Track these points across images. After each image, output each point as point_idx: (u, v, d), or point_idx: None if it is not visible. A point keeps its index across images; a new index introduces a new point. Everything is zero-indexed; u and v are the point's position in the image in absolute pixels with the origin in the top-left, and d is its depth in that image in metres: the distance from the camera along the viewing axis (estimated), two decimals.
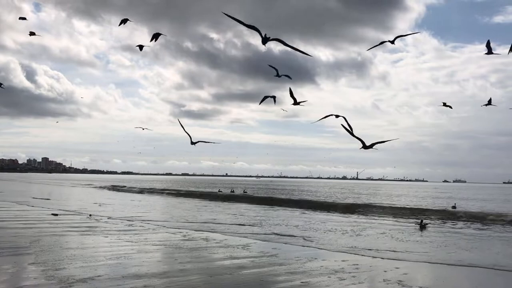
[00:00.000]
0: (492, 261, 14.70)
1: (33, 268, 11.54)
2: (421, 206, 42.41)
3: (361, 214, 33.18)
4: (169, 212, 32.91)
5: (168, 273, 11.36)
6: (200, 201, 46.26)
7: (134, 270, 11.54)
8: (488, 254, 16.60)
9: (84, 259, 12.82)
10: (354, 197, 61.01)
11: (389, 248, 16.90)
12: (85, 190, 71.21)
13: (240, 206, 40.04)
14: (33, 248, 14.34)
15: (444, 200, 60.47)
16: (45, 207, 31.40)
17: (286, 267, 12.59)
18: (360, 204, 41.58)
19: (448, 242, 19.27)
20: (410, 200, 58.61)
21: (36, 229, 19.20)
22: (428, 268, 13.51)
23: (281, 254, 14.74)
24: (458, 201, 53.71)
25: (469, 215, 30.94)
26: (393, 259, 14.39)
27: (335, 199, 52.83)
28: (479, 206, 48.47)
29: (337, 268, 12.62)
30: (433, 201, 57.56)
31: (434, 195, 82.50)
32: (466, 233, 22.66)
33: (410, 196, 71.28)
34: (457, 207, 41.45)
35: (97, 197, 48.74)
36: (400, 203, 47.01)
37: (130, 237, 17.72)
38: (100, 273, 11.06)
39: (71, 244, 15.64)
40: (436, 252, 16.44)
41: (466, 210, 35.63)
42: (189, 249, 15.19)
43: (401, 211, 35.36)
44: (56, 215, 25.42)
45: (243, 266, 12.53)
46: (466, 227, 25.54)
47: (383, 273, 12.15)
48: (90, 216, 25.88)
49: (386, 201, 50.96)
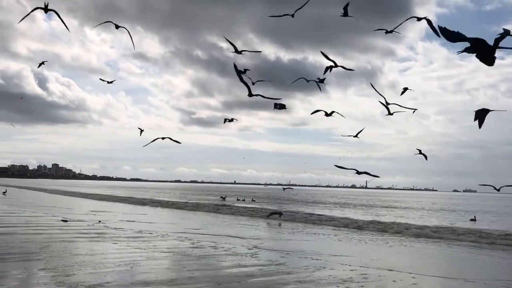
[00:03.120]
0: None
1: (43, 274, 11.64)
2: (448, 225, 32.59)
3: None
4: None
5: (176, 281, 11.38)
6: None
7: (143, 277, 11.59)
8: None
9: (93, 265, 12.90)
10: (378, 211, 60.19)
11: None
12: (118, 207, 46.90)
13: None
14: (43, 254, 14.45)
15: (460, 211, 59.15)
16: (55, 213, 31.64)
17: (295, 276, 12.56)
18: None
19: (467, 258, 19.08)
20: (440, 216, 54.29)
21: (46, 235, 19.35)
22: (438, 280, 13.39)
23: (289, 262, 14.70)
24: (471, 213, 52.91)
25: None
26: (402, 272, 14.28)
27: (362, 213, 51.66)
28: (499, 220, 45.12)
29: (345, 277, 12.56)
30: (448, 214, 56.36)
31: (451, 207, 76.70)
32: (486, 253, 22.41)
33: (431, 211, 62.50)
34: (476, 219, 40.22)
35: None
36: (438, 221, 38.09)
37: (139, 244, 17.79)
38: (108, 279, 11.12)
39: (81, 250, 15.73)
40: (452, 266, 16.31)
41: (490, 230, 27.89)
42: (198, 257, 15.21)
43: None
44: (66, 221, 25.59)
45: (252, 274, 12.52)
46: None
47: (392, 283, 12.07)
48: (100, 222, 26.02)
49: (416, 218, 45.29)
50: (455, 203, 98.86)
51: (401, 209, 62.00)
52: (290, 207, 56.14)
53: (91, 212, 35.54)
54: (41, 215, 30.12)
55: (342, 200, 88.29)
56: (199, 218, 34.42)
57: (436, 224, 32.37)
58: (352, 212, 49.55)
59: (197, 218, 34.22)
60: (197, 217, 35.41)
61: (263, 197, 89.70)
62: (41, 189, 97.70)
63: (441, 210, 63.48)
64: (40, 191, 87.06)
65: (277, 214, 35.51)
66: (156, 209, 44.73)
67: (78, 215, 31.03)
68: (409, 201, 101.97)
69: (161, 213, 39.83)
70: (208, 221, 32.28)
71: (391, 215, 47.00)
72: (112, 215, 32.96)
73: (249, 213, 39.31)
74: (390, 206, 68.76)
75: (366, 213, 48.37)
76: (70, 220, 26.63)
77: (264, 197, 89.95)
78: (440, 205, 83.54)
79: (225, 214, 38.25)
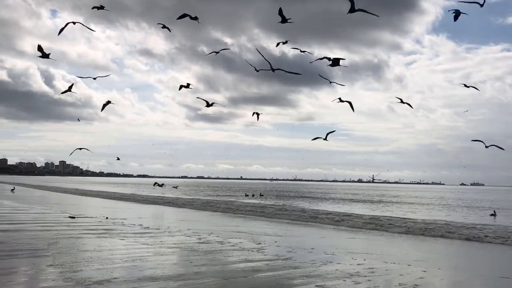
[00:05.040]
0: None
1: (51, 270, 11.71)
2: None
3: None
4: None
5: (183, 276, 11.41)
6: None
7: (150, 273, 11.63)
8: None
9: (101, 261, 12.96)
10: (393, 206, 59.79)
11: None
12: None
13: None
14: (51, 250, 14.54)
15: (476, 207, 57.43)
16: (63, 210, 31.84)
17: (301, 270, 12.54)
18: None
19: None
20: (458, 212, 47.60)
21: (54, 231, 19.47)
22: (445, 273, 13.34)
23: (296, 257, 14.69)
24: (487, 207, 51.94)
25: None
26: (408, 265, 14.23)
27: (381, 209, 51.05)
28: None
29: (352, 271, 12.53)
30: (464, 210, 54.93)
31: (466, 202, 72.77)
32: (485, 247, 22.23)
33: (445, 207, 55.46)
34: (496, 214, 39.59)
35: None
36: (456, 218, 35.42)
37: (146, 239, 17.85)
38: (116, 275, 11.16)
39: (88, 246, 15.82)
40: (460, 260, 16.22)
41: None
42: (204, 252, 15.24)
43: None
44: (73, 217, 25.73)
45: (258, 269, 12.52)
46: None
47: (399, 277, 12.03)
48: (107, 218, 26.14)
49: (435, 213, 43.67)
50: (475, 198, 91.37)
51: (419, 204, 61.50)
52: (298, 202, 56.16)
53: (98, 208, 35.73)
54: (49, 212, 30.31)
55: (349, 196, 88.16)
56: (206, 214, 34.51)
57: (450, 219, 32.03)
58: (359, 207, 49.51)
59: (203, 215, 34.31)
60: (204, 214, 35.51)
61: (271, 193, 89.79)
62: (50, 187, 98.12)
63: (457, 205, 59.32)
64: (49, 190, 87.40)
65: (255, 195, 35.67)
66: (164, 207, 44.88)
67: (86, 212, 31.19)
68: (423, 196, 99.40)
69: (168, 210, 39.97)
70: (215, 217, 32.36)
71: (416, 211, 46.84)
72: (119, 212, 33.11)
73: (255, 209, 39.33)
74: (407, 202, 68.33)
75: (375, 208, 48.30)
76: (78, 216, 26.78)
77: (271, 192, 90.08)
78: (454, 200, 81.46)
79: (232, 211, 38.23)
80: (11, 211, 30.85)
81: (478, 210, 48.81)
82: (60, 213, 29.71)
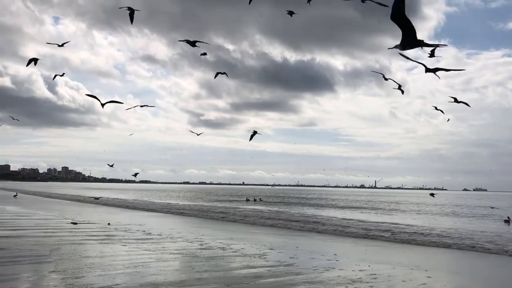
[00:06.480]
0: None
1: (53, 276, 11.71)
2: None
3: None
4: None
5: (185, 282, 11.40)
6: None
7: (152, 279, 11.62)
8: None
9: (103, 267, 12.95)
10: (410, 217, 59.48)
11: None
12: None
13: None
14: (53, 257, 14.55)
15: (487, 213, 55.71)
16: (65, 216, 31.84)
17: (304, 277, 12.51)
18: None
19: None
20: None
21: (56, 237, 19.48)
22: (448, 278, 13.29)
23: (298, 263, 14.65)
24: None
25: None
26: (410, 270, 14.18)
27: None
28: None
29: (355, 278, 12.49)
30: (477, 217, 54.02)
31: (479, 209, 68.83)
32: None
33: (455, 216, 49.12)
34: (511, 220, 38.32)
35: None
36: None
37: (148, 246, 17.84)
38: (118, 281, 11.16)
39: (90, 252, 15.81)
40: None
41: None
42: (206, 258, 15.22)
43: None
44: (76, 223, 25.73)
45: (260, 275, 12.50)
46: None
47: (402, 283, 11.99)
48: (109, 224, 26.14)
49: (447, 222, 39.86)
50: (485, 204, 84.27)
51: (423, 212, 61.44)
52: (300, 208, 56.05)
53: (100, 214, 35.73)
54: (51, 218, 30.33)
55: (351, 202, 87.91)
56: (207, 221, 34.48)
57: (464, 227, 31.64)
58: (361, 213, 49.38)
59: (204, 221, 34.28)
60: (206, 220, 35.50)
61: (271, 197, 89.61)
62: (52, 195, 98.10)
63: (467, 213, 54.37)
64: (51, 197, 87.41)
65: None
66: (165, 214, 44.90)
67: (88, 218, 31.19)
68: (425, 202, 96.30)
69: (170, 217, 39.98)
70: (216, 222, 32.33)
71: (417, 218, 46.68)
72: (121, 218, 33.11)
73: (257, 215, 39.27)
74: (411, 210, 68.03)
75: (378, 215, 48.17)
76: (80, 222, 26.78)
77: (271, 197, 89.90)
78: (465, 207, 76.44)
79: (233, 218, 38.20)
80: (13, 217, 30.87)
81: (490, 217, 47.16)
82: (62, 219, 29.73)
